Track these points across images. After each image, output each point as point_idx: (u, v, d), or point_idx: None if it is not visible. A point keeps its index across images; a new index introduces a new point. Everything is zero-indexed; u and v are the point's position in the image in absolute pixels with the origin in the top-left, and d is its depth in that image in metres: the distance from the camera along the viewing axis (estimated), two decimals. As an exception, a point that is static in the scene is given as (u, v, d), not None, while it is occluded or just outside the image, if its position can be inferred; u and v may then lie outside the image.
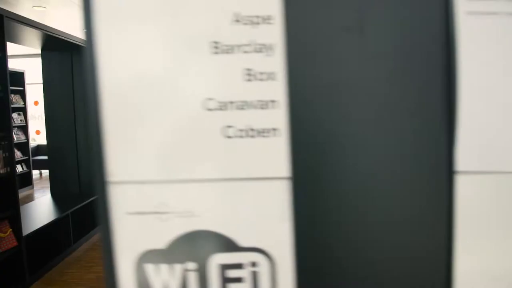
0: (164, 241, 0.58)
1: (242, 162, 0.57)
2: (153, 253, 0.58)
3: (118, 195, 0.57)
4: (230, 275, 0.59)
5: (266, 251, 0.59)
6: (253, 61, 0.56)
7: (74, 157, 5.28)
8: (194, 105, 0.56)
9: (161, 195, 0.57)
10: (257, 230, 0.58)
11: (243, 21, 0.55)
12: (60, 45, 4.96)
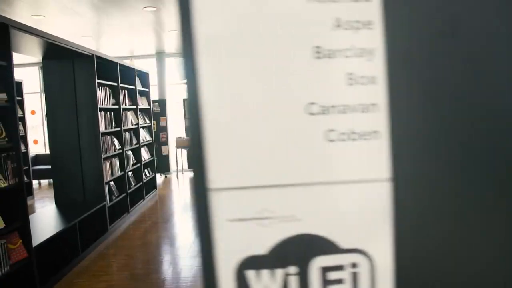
0: (266, 247, 0.58)
1: (343, 165, 0.58)
2: (254, 259, 0.58)
3: (218, 202, 0.57)
4: (330, 278, 0.59)
5: (366, 252, 0.59)
6: (354, 65, 0.56)
7: (78, 166, 5.25)
8: (297, 110, 0.56)
9: (263, 200, 0.57)
10: (358, 232, 0.59)
11: (344, 26, 0.56)
12: (62, 53, 4.93)
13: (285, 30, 0.55)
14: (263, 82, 0.55)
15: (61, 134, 5.20)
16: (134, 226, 5.84)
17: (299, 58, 0.56)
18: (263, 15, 0.55)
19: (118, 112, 5.98)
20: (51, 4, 5.67)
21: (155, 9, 6.16)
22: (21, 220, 3.56)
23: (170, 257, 4.57)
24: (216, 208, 0.57)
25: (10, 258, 3.45)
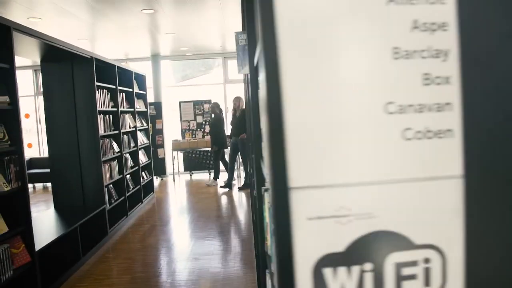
0: (343, 244, 0.59)
1: (419, 162, 0.59)
2: (331, 257, 0.59)
3: (299, 200, 0.58)
4: (404, 273, 0.60)
5: (439, 247, 0.61)
6: (430, 66, 0.58)
7: (77, 169, 5.21)
8: (376, 109, 0.58)
9: (341, 198, 0.58)
10: (432, 227, 0.60)
11: (421, 27, 0.58)
12: (61, 56, 4.91)
13: (365, 31, 0.57)
14: (344, 81, 0.57)
15: (60, 137, 5.16)
16: (133, 229, 5.82)
17: (378, 58, 0.57)
18: (344, 15, 0.56)
19: (117, 115, 5.96)
20: (47, 6, 5.63)
21: (153, 12, 6.15)
22: (24, 224, 3.53)
23: (170, 261, 4.56)
24: (296, 207, 0.58)
25: (13, 263, 3.41)
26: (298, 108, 0.57)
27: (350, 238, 0.59)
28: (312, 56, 0.57)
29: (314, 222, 0.58)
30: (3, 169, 3.40)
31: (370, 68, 0.58)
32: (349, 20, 0.57)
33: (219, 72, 10.72)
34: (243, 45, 2.00)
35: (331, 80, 0.57)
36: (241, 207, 6.88)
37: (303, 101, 0.57)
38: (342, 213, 0.59)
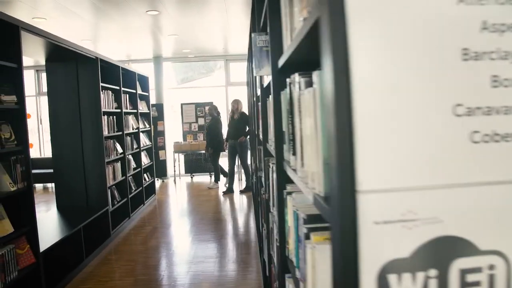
0: (409, 250, 0.58)
1: (486, 166, 0.58)
2: (396, 263, 0.58)
3: (366, 204, 0.56)
4: (468, 280, 0.59)
5: (504, 254, 0.59)
6: (499, 68, 0.57)
7: (81, 170, 5.18)
8: (444, 111, 0.56)
9: (409, 202, 0.57)
10: (497, 233, 0.59)
11: (490, 29, 0.56)
12: (66, 56, 4.89)
13: (435, 31, 0.55)
14: (413, 81, 0.55)
15: (64, 137, 5.14)
16: (135, 231, 5.79)
17: (448, 59, 0.56)
18: (414, 15, 0.55)
19: (120, 116, 5.94)
20: (52, 6, 5.61)
21: (157, 13, 6.14)
22: (29, 224, 3.50)
23: (173, 263, 4.53)
24: (363, 211, 0.56)
25: (18, 264, 3.38)
26: (368, 110, 0.56)
27: (416, 243, 0.58)
28: (383, 56, 0.56)
29: (381, 226, 0.57)
30: (9, 169, 3.37)
31: (439, 70, 0.57)
32: (417, 21, 0.55)
33: (220, 74, 10.71)
34: (260, 47, 1.98)
35: (400, 80, 0.56)
36: (242, 210, 6.85)
37: (373, 103, 0.56)
38: (409, 218, 0.57)
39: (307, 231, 1.09)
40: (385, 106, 0.56)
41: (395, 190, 0.57)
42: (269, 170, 2.28)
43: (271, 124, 2.12)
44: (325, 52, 0.60)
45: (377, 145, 0.56)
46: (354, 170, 0.56)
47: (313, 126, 0.90)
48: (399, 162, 0.57)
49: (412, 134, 0.57)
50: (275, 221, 2.11)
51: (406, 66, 0.56)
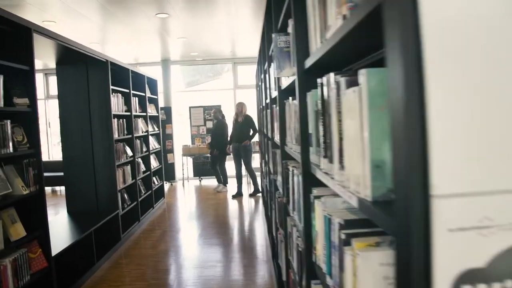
0: (484, 259, 0.53)
1: None
2: (471, 273, 0.53)
3: (441, 209, 0.52)
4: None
5: None
6: None
7: (91, 173, 5.16)
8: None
9: (486, 207, 0.53)
10: None
11: None
12: (76, 59, 4.87)
13: None
14: (494, 80, 0.51)
15: (74, 140, 5.12)
16: (145, 234, 5.75)
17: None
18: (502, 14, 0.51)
19: (130, 119, 5.92)
20: (61, 9, 5.61)
21: (167, 16, 6.12)
22: (41, 228, 3.47)
23: (183, 268, 4.48)
24: (437, 217, 0.52)
25: (31, 268, 3.36)
26: (444, 107, 0.51)
27: (492, 252, 0.53)
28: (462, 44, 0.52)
29: (455, 234, 0.52)
30: (22, 172, 3.35)
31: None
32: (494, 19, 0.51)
33: (228, 77, 10.69)
34: (281, 48, 1.94)
35: (479, 77, 0.52)
36: (251, 214, 6.80)
37: (450, 99, 0.51)
38: (485, 224, 0.53)
39: (346, 237, 1.05)
40: (464, 103, 0.52)
41: (472, 195, 0.53)
42: (289, 173, 2.24)
43: (291, 126, 2.08)
44: (391, 42, 0.56)
45: (453, 146, 0.52)
46: (427, 173, 0.52)
47: (358, 127, 0.86)
48: (476, 164, 0.53)
49: (491, 134, 0.52)
50: (296, 225, 2.07)
51: (482, 65, 0.52)
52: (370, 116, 0.82)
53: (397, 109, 0.55)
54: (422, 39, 0.52)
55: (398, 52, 0.54)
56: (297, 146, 1.95)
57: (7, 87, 3.22)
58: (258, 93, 6.30)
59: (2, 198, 3.08)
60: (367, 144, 0.83)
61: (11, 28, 3.29)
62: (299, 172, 1.86)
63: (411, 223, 0.53)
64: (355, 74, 0.94)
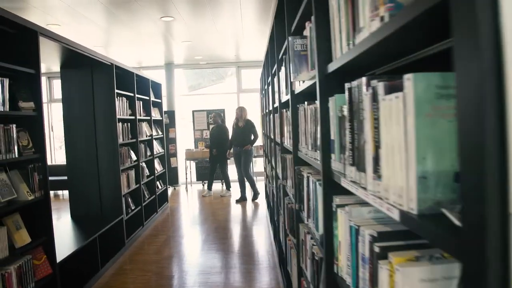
0: None
1: None
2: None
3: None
4: None
5: None
6: None
7: (95, 178, 5.10)
8: None
9: None
10: None
11: None
12: (81, 62, 4.83)
13: None
14: None
15: (79, 144, 5.07)
16: (149, 240, 5.69)
17: None
18: None
19: (134, 123, 5.87)
20: (66, 12, 5.56)
21: (172, 19, 6.08)
22: (46, 234, 3.41)
23: (189, 274, 4.41)
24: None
25: (35, 275, 3.30)
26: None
27: None
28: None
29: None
30: (27, 177, 3.30)
31: None
32: None
33: (231, 81, 10.65)
34: (298, 51, 1.89)
35: None
36: (255, 219, 6.73)
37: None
38: None
39: (380, 250, 0.99)
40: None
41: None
42: (303, 179, 2.18)
43: (307, 132, 2.03)
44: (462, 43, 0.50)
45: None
46: (507, 189, 0.46)
47: (401, 136, 0.81)
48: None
49: None
50: (312, 233, 2.01)
51: None
52: (416, 124, 0.76)
53: (471, 118, 0.49)
54: (501, 38, 0.47)
55: (472, 54, 0.49)
56: (313, 152, 1.90)
57: (13, 91, 3.17)
58: (263, 97, 6.25)
59: (7, 204, 3.03)
60: (413, 154, 0.77)
61: (17, 30, 3.24)
62: (317, 179, 1.80)
63: (486, 245, 0.47)
64: (394, 79, 0.89)
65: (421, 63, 1.19)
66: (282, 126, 3.27)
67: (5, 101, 3.03)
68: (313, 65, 1.78)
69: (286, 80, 2.84)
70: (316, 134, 1.81)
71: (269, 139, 5.22)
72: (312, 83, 1.72)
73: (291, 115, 2.46)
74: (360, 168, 1.12)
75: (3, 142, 2.98)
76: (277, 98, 3.69)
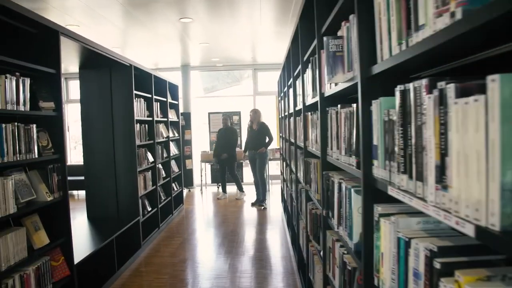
0: None
1: None
2: None
3: None
4: None
5: None
6: None
7: (112, 179, 5.07)
8: None
9: None
10: None
11: None
12: (100, 63, 4.81)
13: None
14: None
15: (96, 146, 5.04)
16: (164, 242, 5.64)
17: None
18: None
19: (152, 125, 5.83)
20: (85, 13, 5.56)
21: (191, 20, 6.04)
22: (64, 235, 3.37)
23: (207, 278, 4.33)
24: None
25: (53, 276, 3.26)
26: None
27: None
28: None
29: None
30: (46, 178, 3.26)
31: None
32: None
33: (247, 84, 10.59)
34: (333, 52, 1.81)
35: None
36: (271, 222, 6.64)
37: None
38: None
39: (442, 267, 0.91)
40: None
41: None
42: (333, 185, 2.10)
43: (340, 136, 1.94)
44: None
45: None
46: None
47: (482, 143, 0.72)
48: None
49: None
50: (343, 241, 1.93)
51: None
52: (502, 131, 0.68)
53: None
54: None
55: None
56: (347, 157, 1.82)
57: (33, 90, 3.14)
58: (282, 100, 6.17)
59: (26, 205, 2.99)
60: (497, 164, 0.69)
61: (38, 30, 3.21)
62: (351, 186, 1.72)
63: None
64: (466, 80, 0.81)
65: (472, 67, 1.11)
66: (307, 130, 3.19)
67: (26, 101, 3.00)
68: (350, 66, 1.71)
69: (313, 83, 2.76)
70: (351, 138, 1.73)
71: (288, 142, 5.14)
72: (349, 85, 1.64)
73: (320, 119, 2.38)
74: (417, 176, 1.04)
75: (24, 142, 2.95)
76: (299, 101, 3.62)
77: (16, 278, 2.80)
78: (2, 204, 2.66)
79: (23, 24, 3.08)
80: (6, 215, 2.67)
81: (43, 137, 3.28)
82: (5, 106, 2.75)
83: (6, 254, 2.71)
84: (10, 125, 2.79)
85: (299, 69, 3.58)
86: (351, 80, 1.62)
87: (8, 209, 2.71)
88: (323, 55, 2.36)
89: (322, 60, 2.37)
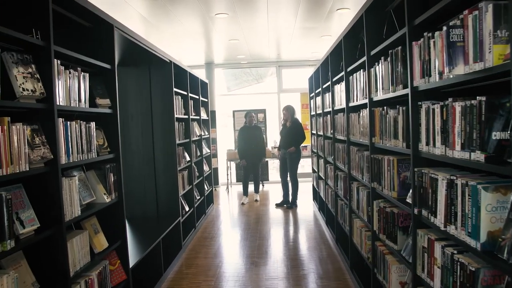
0: None
1: None
2: None
3: None
4: None
5: None
6: None
7: (152, 178, 4.95)
8: None
9: None
10: None
11: None
12: (140, 59, 4.68)
13: None
14: None
15: (136, 145, 4.92)
16: (201, 242, 5.51)
17: None
18: None
19: (188, 123, 5.71)
20: (112, 5, 5.39)
21: (227, 16, 5.90)
22: (120, 238, 3.25)
23: (257, 279, 4.20)
24: None
25: (111, 281, 3.14)
26: None
27: None
28: None
29: None
30: (103, 178, 3.14)
31: None
32: None
33: (271, 81, 10.45)
34: (455, 41, 1.68)
35: None
36: (304, 222, 6.50)
37: None
38: None
39: None
40: None
41: None
42: (437, 183, 1.97)
43: (443, 130, 1.81)
44: None
45: None
46: None
47: None
48: None
49: None
50: (458, 241, 1.79)
51: None
52: None
53: None
54: None
55: None
56: (465, 152, 1.69)
57: (89, 87, 3.00)
58: (320, 96, 6.01)
59: (86, 207, 2.86)
60: None
61: (93, 24, 3.08)
62: (477, 182, 1.61)
63: None
64: None
65: None
66: (374, 126, 3.07)
67: (86, 97, 2.87)
68: (477, 57, 1.57)
69: (391, 76, 2.63)
70: (472, 133, 1.63)
71: (332, 139, 4.99)
72: (475, 77, 1.52)
73: (411, 113, 2.26)
74: None
75: (85, 141, 2.82)
76: (359, 96, 3.49)
77: (82, 284, 2.68)
78: (69, 206, 2.54)
79: (79, 17, 2.94)
80: (73, 218, 2.55)
81: (99, 136, 3.15)
82: (69, 103, 2.62)
83: (73, 259, 2.59)
84: (74, 122, 2.67)
85: (359, 64, 3.45)
86: (477, 73, 1.51)
87: (75, 212, 2.59)
88: (414, 46, 2.23)
89: (414, 52, 2.25)
